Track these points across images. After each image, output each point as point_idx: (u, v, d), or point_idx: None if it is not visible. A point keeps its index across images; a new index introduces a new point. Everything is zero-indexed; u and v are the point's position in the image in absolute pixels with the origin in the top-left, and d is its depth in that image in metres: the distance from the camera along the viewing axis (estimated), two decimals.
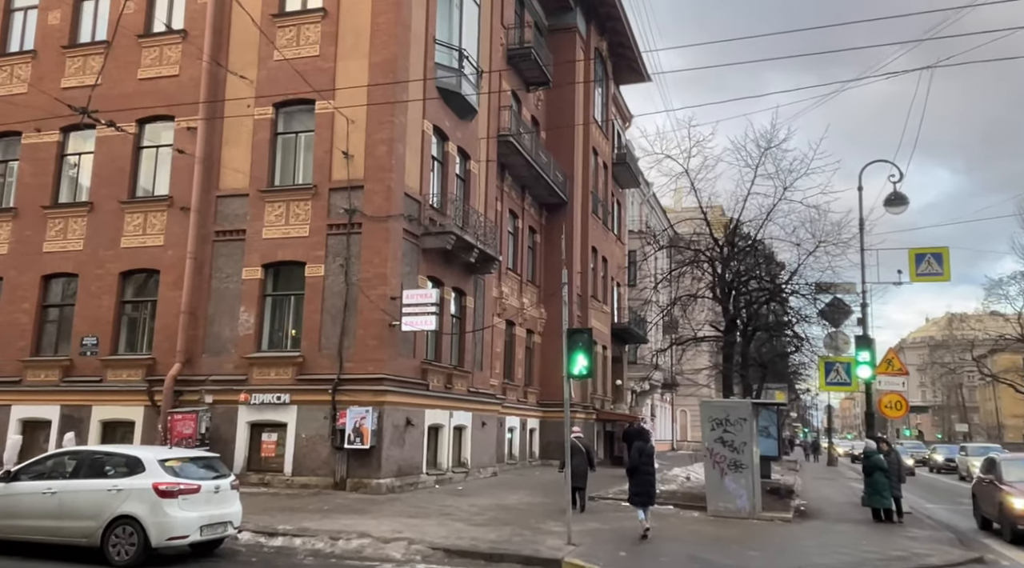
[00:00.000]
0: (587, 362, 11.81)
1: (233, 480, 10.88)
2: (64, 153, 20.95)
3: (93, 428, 18.94)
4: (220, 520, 10.31)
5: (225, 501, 10.49)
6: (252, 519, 12.55)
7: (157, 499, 9.65)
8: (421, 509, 14.70)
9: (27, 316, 20.05)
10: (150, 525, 9.56)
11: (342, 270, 18.06)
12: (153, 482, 9.75)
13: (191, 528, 9.83)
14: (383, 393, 17.27)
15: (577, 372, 11.86)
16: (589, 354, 11.90)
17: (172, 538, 9.66)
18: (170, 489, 9.74)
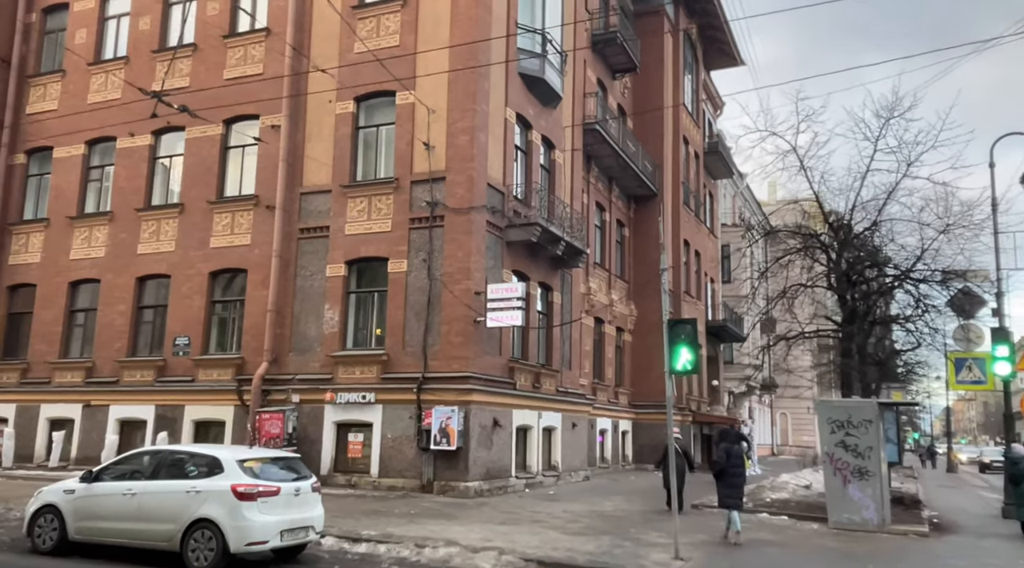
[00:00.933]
0: (691, 356, 10.70)
1: (314, 482, 10.31)
2: (156, 156, 21.26)
3: (186, 428, 19.03)
4: (301, 524, 9.74)
5: (306, 504, 9.92)
6: (337, 523, 12.02)
7: (235, 502, 9.15)
8: (511, 515, 13.86)
9: (123, 318, 20.40)
10: (228, 529, 9.06)
11: (425, 265, 17.46)
12: (232, 484, 9.25)
13: (271, 533, 9.29)
14: (469, 392, 16.55)
15: (681, 367, 10.77)
16: (693, 347, 10.79)
17: (251, 543, 9.13)
18: (248, 491, 9.21)
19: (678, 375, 11.08)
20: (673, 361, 10.77)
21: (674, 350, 10.77)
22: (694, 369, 10.87)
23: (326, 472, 17.37)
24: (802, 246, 17.35)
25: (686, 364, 10.72)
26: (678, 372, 10.92)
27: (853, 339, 16.41)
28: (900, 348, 23.72)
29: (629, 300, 30.23)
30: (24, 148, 22.77)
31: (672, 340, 10.80)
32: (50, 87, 22.85)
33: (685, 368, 10.76)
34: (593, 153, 26.04)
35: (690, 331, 10.91)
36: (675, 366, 10.79)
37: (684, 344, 10.78)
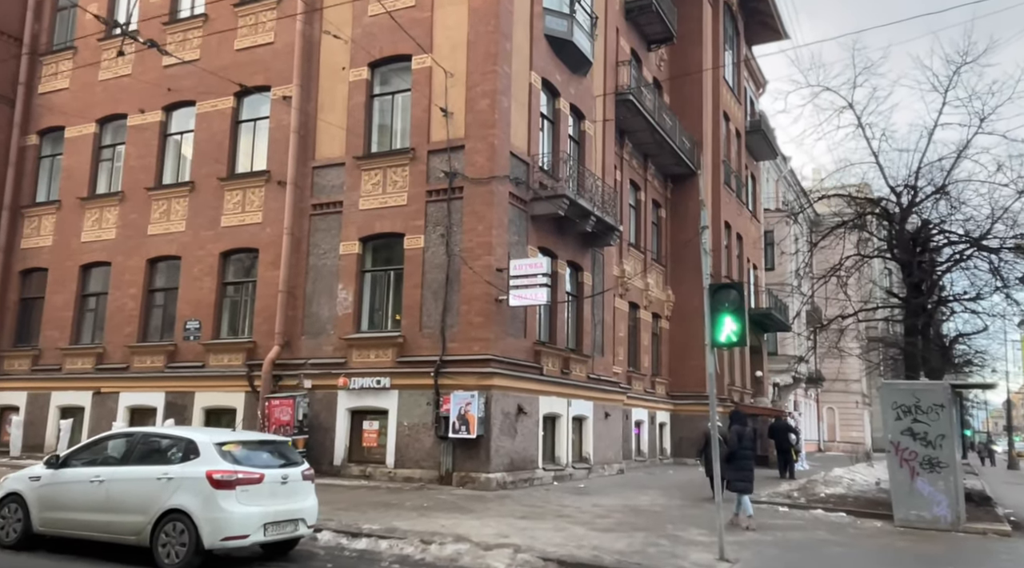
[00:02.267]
0: (737, 326, 9.25)
1: (306, 469, 9.12)
2: (167, 133, 20.36)
3: (196, 415, 18.08)
4: (289, 517, 8.55)
5: (295, 494, 8.74)
6: (339, 516, 10.89)
7: (211, 490, 7.98)
8: (535, 509, 12.54)
9: (134, 301, 19.55)
10: (202, 522, 7.90)
11: (443, 240, 16.21)
12: (207, 470, 8.10)
13: (252, 526, 8.10)
14: (490, 376, 15.26)
15: (725, 339, 9.34)
16: (739, 316, 9.33)
17: (228, 538, 7.95)
18: (226, 478, 8.04)
19: (721, 349, 9.62)
20: (716, 332, 9.34)
21: (717, 319, 9.34)
22: (740, 341, 9.40)
23: (340, 462, 16.27)
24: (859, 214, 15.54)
25: (731, 335, 9.28)
26: (721, 345, 9.48)
27: (919, 316, 14.65)
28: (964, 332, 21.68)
29: (666, 285, 28.65)
30: (36, 129, 22.11)
31: (714, 307, 9.38)
32: (61, 65, 22.13)
33: (730, 340, 9.32)
34: (626, 127, 24.52)
35: (735, 297, 9.46)
36: (718, 338, 9.36)
37: (728, 312, 9.34)
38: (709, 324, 9.45)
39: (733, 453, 11.54)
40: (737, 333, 9.24)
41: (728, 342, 9.40)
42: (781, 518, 12.90)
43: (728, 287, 9.83)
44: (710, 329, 9.42)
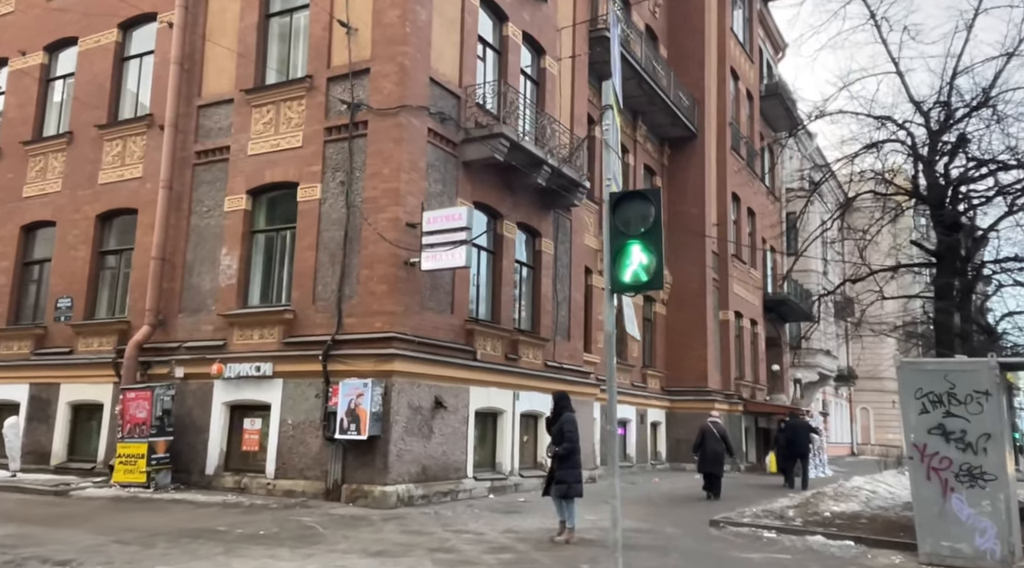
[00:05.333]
0: (648, 258, 5.76)
1: None
2: (50, 77, 17.24)
3: (61, 412, 14.92)
4: None
5: None
6: (111, 551, 7.51)
7: None
8: (409, 540, 9.02)
9: (5, 276, 16.46)
10: None
11: (343, 190, 12.79)
12: None
13: None
14: (390, 359, 11.77)
15: (630, 278, 5.82)
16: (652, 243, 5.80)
17: None
18: None
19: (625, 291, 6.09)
20: (618, 268, 5.79)
21: (620, 248, 5.80)
22: (652, 281, 5.88)
23: (213, 471, 12.93)
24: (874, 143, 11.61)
25: (638, 273, 5.77)
26: (625, 287, 5.93)
27: (954, 275, 10.79)
28: (1016, 311, 17.55)
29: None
30: None
31: (616, 230, 5.82)
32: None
33: (637, 279, 5.83)
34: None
35: (647, 213, 5.90)
36: (620, 276, 5.82)
37: (635, 239, 5.78)
38: (608, 256, 5.88)
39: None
40: (648, 269, 5.73)
41: (635, 282, 5.85)
42: (760, 548, 9.24)
43: (633, 195, 6.22)
44: (609, 264, 5.85)
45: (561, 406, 9.39)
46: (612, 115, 6.67)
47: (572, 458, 9.10)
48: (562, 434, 9.13)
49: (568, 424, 9.18)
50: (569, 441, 9.07)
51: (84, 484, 12.79)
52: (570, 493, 9.03)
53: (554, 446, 9.22)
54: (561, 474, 9.05)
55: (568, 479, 9.00)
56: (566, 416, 9.28)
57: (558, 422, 9.28)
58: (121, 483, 12.64)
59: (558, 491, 9.08)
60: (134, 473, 12.60)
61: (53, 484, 12.66)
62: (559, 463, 9.09)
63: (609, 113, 6.68)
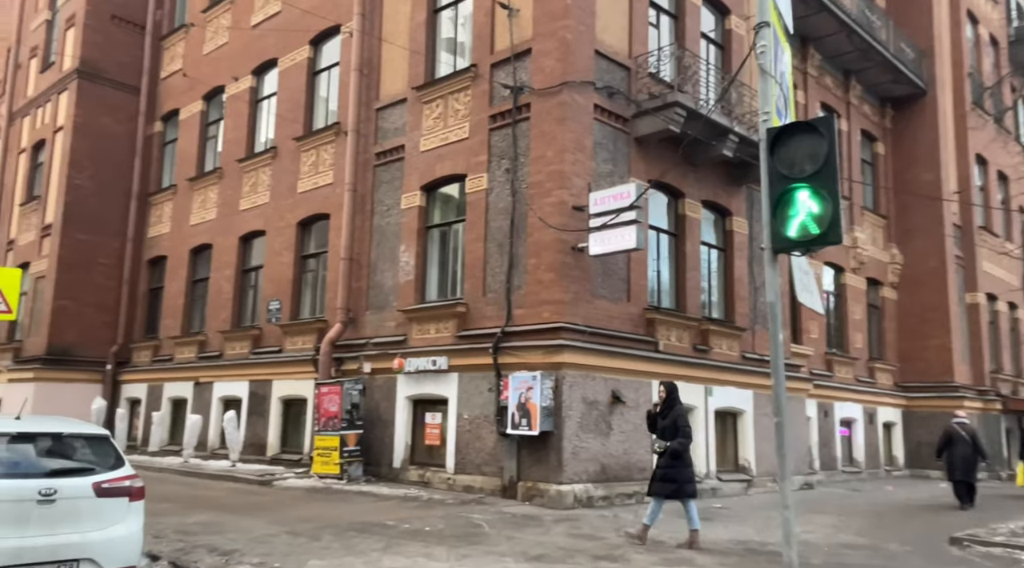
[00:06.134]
0: (820, 206, 4.65)
1: (108, 479, 5.87)
2: (257, 98, 18.71)
3: (274, 406, 16.03)
4: (51, 557, 5.35)
5: (74, 520, 5.51)
6: (274, 544, 7.65)
7: None
8: (580, 543, 8.28)
9: (229, 283, 18.10)
10: None
11: (508, 177, 12.38)
12: None
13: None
14: (558, 350, 11.11)
15: (796, 232, 4.72)
16: (824, 189, 4.58)
17: None
18: None
19: (790, 249, 4.83)
20: (782, 220, 4.66)
21: (783, 195, 4.66)
22: (825, 236, 4.65)
23: (399, 464, 13.09)
24: None
25: (807, 224, 4.61)
26: (791, 243, 4.76)
27: None
28: None
29: (888, 242, 21.88)
30: (159, 115, 21.81)
31: (777, 176, 4.67)
32: (177, 47, 21.66)
33: (805, 231, 4.66)
34: (808, 31, 18.62)
35: (817, 150, 4.66)
36: (785, 231, 4.68)
37: (802, 184, 4.61)
38: (767, 207, 4.75)
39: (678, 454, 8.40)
40: (820, 219, 4.57)
41: (802, 237, 4.68)
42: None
43: (800, 130, 4.96)
44: (768, 217, 4.73)
45: (672, 398, 8.66)
46: (770, 34, 5.45)
47: (684, 456, 8.41)
48: (675, 428, 8.41)
49: (681, 418, 8.51)
50: (684, 436, 8.39)
51: (287, 474, 13.54)
52: (680, 494, 8.34)
53: (663, 441, 8.47)
54: (669, 472, 8.34)
55: (679, 478, 8.31)
56: (678, 409, 8.59)
57: (669, 415, 8.53)
58: (319, 474, 13.20)
59: (665, 490, 8.38)
60: (329, 465, 13.10)
61: (260, 474, 13.54)
62: (668, 460, 8.38)
63: (765, 31, 5.47)
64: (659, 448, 8.52)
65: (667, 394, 8.66)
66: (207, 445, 17.00)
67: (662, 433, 8.54)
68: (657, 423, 8.67)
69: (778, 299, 5.15)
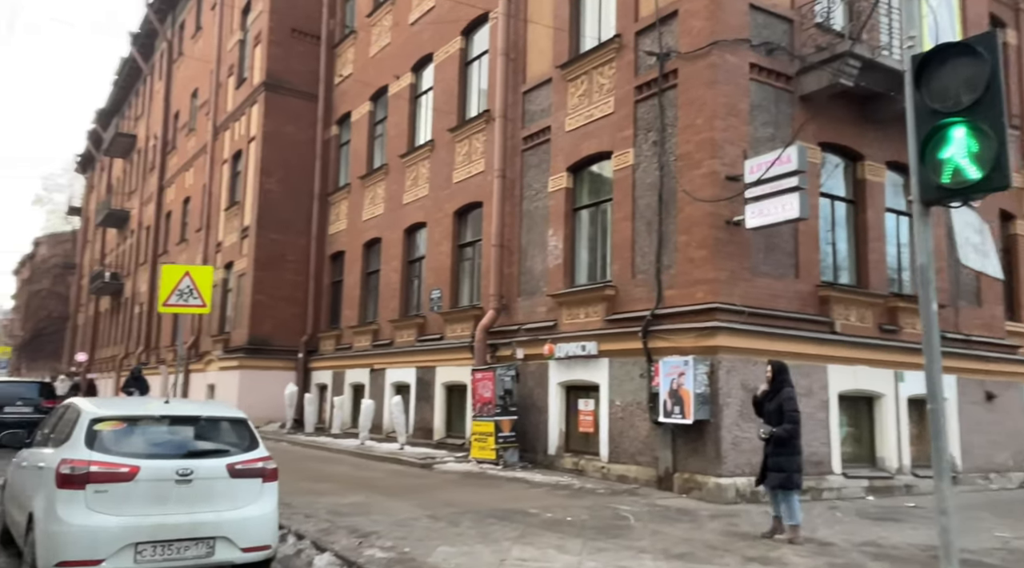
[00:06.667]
0: (976, 144, 3.66)
1: (243, 460, 6.06)
2: (417, 94, 19.23)
3: (438, 392, 16.41)
4: (190, 534, 5.64)
5: (210, 499, 5.78)
6: (414, 528, 7.72)
7: (54, 491, 5.53)
8: (733, 542, 7.56)
9: (396, 274, 18.82)
10: (40, 536, 5.51)
11: (655, 150, 11.64)
12: (62, 458, 5.69)
13: (106, 547, 5.34)
14: (712, 333, 10.26)
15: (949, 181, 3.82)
16: (984, 122, 3.61)
17: (66, 563, 5.35)
18: (73, 472, 5.49)
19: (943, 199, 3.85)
20: (932, 167, 3.84)
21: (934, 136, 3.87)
22: (989, 180, 3.73)
23: (553, 451, 12.86)
24: None
25: (962, 168, 3.70)
26: (944, 192, 3.92)
27: None
28: None
29: None
30: (335, 119, 23.12)
31: (926, 111, 3.83)
32: (347, 52, 22.81)
33: (962, 179, 3.75)
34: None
35: (971, 73, 3.72)
36: (937, 177, 3.84)
37: (957, 119, 3.74)
38: (914, 149, 3.89)
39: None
40: (981, 159, 3.62)
41: (957, 184, 3.80)
42: None
43: (954, 53, 3.98)
44: (915, 160, 3.87)
45: (780, 379, 7.88)
46: None
47: (793, 443, 7.69)
48: (781, 412, 7.67)
49: (790, 401, 7.72)
50: (791, 421, 7.65)
51: (448, 458, 13.77)
52: (789, 484, 7.62)
53: (768, 427, 7.77)
54: (779, 461, 7.65)
55: (788, 467, 7.61)
56: (785, 391, 7.79)
57: (776, 398, 7.78)
58: (477, 459, 13.29)
59: (775, 481, 7.70)
60: (486, 450, 13.15)
61: (422, 457, 13.88)
62: (776, 447, 7.69)
63: None
64: (764, 434, 7.83)
65: (774, 375, 7.93)
66: (382, 428, 17.78)
67: (768, 418, 7.85)
68: (764, 407, 7.96)
69: (930, 261, 4.18)
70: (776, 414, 7.76)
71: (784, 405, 7.72)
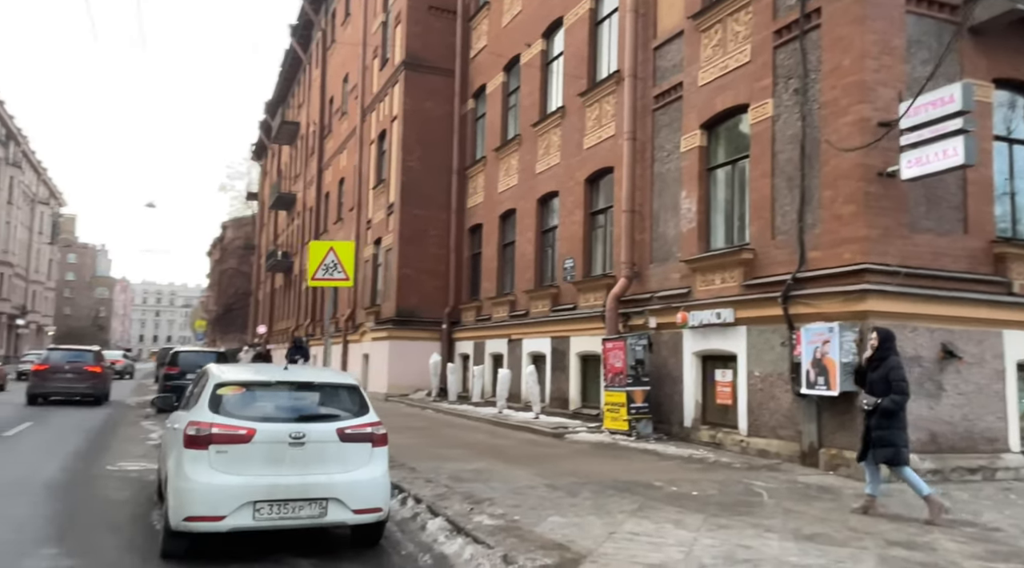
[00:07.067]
0: None
1: (353, 425, 6.15)
2: (548, 61, 18.90)
3: (572, 362, 16.22)
4: (302, 495, 5.82)
5: (322, 462, 5.93)
6: (527, 497, 7.68)
7: (181, 451, 5.89)
8: (876, 524, 6.84)
9: (530, 245, 18.73)
10: (170, 493, 5.89)
11: (796, 99, 10.67)
12: (189, 420, 6.04)
13: (226, 504, 5.60)
14: (860, 296, 9.30)
15: None
16: None
17: (192, 518, 5.62)
18: (198, 434, 5.81)
19: None
20: None
21: None
22: None
23: (689, 423, 12.32)
24: None
25: None
26: None
27: None
28: None
29: None
30: (471, 93, 23.27)
31: None
32: (482, 24, 22.83)
33: None
34: None
35: None
36: None
37: None
38: None
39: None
40: None
41: None
42: None
43: None
44: None
45: (887, 348, 7.28)
46: None
47: (900, 415, 7.17)
48: (887, 382, 7.12)
49: (897, 370, 7.18)
50: (899, 392, 7.10)
51: (580, 429, 13.57)
52: (898, 459, 7.12)
53: (872, 397, 7.23)
54: (885, 434, 7.11)
55: (897, 441, 7.11)
56: (891, 360, 7.22)
57: (881, 367, 7.20)
58: (610, 430, 13.01)
59: (882, 456, 7.19)
60: (618, 421, 12.83)
61: (555, 427, 13.77)
62: (882, 420, 7.14)
63: None
64: (867, 405, 7.28)
65: (880, 343, 7.31)
66: (520, 397, 17.87)
67: (871, 388, 7.23)
68: (867, 377, 7.33)
69: None
70: (881, 384, 7.19)
71: (891, 375, 7.15)
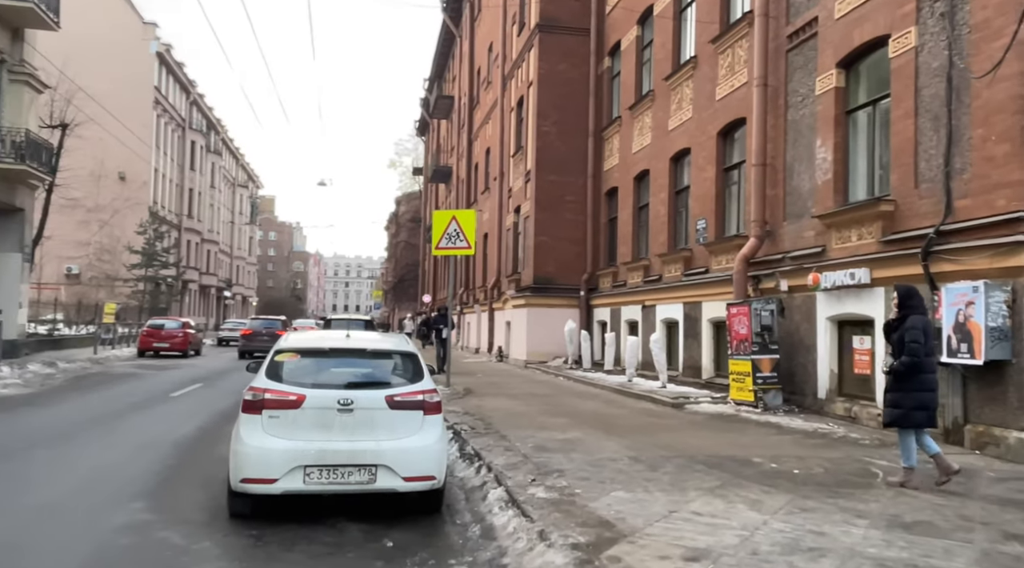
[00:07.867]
0: None
1: (401, 392, 6.08)
2: (681, 8, 17.72)
3: (704, 329, 15.34)
4: (350, 461, 5.79)
5: (371, 429, 5.88)
6: (614, 471, 7.37)
7: (240, 414, 6.11)
8: (998, 514, 5.85)
9: (664, 206, 17.86)
10: (230, 455, 6.11)
11: (942, 24, 9.19)
12: (249, 386, 6.24)
13: (277, 468, 5.70)
14: (1015, 249, 7.91)
15: None
16: None
17: (248, 480, 5.73)
18: (253, 399, 5.96)
19: None
20: None
21: None
22: None
23: (824, 395, 11.26)
24: None
25: None
26: None
27: None
28: None
29: None
30: (607, 51, 22.47)
31: None
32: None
33: None
34: None
35: None
36: None
37: None
38: None
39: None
40: None
41: None
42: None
43: None
44: None
45: (907, 305, 6.69)
46: None
47: (913, 377, 6.52)
48: (903, 344, 6.50)
49: (911, 331, 6.52)
50: (910, 353, 6.47)
51: (703, 399, 12.83)
52: (905, 421, 6.57)
53: (891, 359, 6.73)
54: (894, 396, 6.62)
55: (904, 403, 6.53)
56: (911, 320, 6.59)
57: (900, 328, 6.64)
58: (736, 401, 12.18)
59: (888, 417, 6.76)
60: (743, 391, 11.98)
61: (675, 396, 13.11)
62: (893, 382, 6.66)
63: None
64: (885, 367, 6.84)
65: (901, 302, 6.73)
66: (652, 365, 17.23)
67: (893, 349, 6.53)
68: (891, 338, 6.60)
69: None
70: (899, 345, 6.49)
71: (905, 335, 6.51)
